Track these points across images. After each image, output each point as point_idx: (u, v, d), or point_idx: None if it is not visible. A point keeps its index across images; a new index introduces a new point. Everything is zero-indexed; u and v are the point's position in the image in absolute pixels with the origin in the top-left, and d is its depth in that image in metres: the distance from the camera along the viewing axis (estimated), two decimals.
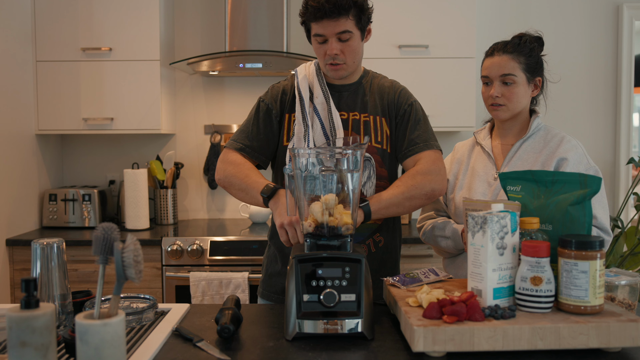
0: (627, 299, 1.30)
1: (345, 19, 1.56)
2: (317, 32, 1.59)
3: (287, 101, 1.71)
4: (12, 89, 2.84)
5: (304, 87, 1.68)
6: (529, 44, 1.63)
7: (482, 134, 1.78)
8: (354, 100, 1.71)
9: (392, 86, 1.75)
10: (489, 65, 1.65)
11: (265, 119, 1.71)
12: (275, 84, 1.78)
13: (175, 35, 3.34)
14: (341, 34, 1.57)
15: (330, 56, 1.60)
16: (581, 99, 3.40)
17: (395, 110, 1.71)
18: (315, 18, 1.56)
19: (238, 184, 1.63)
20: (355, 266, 1.26)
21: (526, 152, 1.66)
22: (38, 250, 1.24)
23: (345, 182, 1.32)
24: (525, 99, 1.65)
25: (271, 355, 1.15)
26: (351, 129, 1.67)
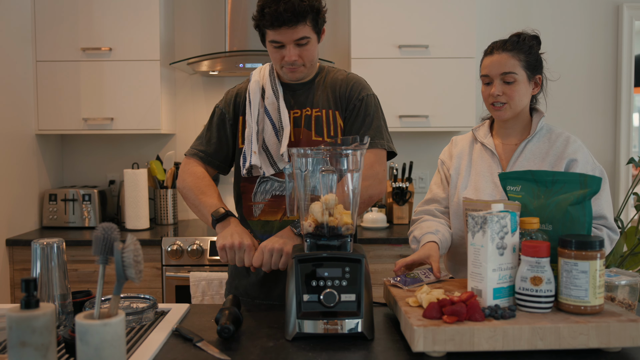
0: (627, 299, 1.30)
1: (303, 25, 1.53)
2: (274, 39, 1.56)
3: (241, 104, 1.71)
4: (12, 89, 2.84)
5: (255, 89, 1.67)
6: (527, 41, 1.62)
7: (481, 131, 1.75)
8: (306, 97, 1.69)
9: (346, 79, 1.71)
10: (488, 64, 1.62)
11: (219, 125, 1.72)
12: (230, 88, 1.78)
13: (175, 35, 3.34)
14: (299, 40, 1.55)
15: (289, 62, 1.58)
16: (581, 99, 3.40)
17: (345, 104, 1.67)
18: (272, 26, 1.52)
19: (192, 199, 1.65)
20: (355, 266, 1.26)
21: (532, 153, 1.64)
22: (38, 250, 1.24)
23: (345, 182, 1.32)
24: (527, 97, 1.63)
25: (271, 355, 1.15)
26: (303, 126, 1.66)
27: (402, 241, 2.78)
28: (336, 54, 3.35)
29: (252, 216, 1.69)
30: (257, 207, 1.68)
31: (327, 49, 3.36)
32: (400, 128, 3.04)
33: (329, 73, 1.74)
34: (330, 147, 1.36)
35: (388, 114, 3.00)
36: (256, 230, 1.68)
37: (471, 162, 1.73)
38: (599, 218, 1.58)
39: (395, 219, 3.19)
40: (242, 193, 1.71)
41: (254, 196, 1.68)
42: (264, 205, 1.67)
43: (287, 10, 1.49)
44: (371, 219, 3.07)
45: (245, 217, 1.71)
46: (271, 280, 1.67)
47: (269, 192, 1.66)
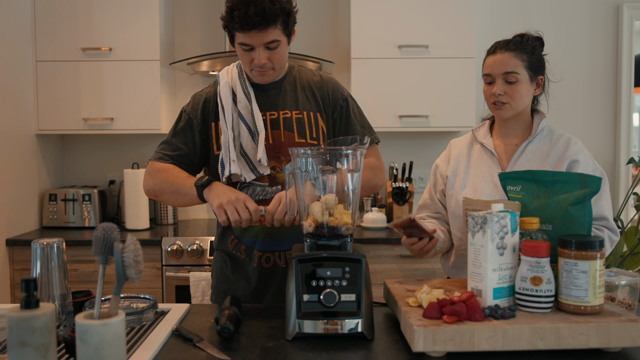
0: (627, 299, 1.30)
1: (274, 28, 1.50)
2: (244, 42, 1.52)
3: (211, 109, 1.67)
4: (12, 89, 2.84)
5: (226, 93, 1.63)
6: (531, 42, 1.62)
7: (481, 132, 1.75)
8: (282, 98, 1.66)
9: (322, 80, 1.71)
10: (491, 63, 1.62)
11: (185, 129, 1.67)
12: (197, 92, 1.73)
13: (175, 35, 3.34)
14: (269, 43, 1.52)
15: (258, 65, 1.55)
16: (581, 99, 3.40)
17: (331, 107, 1.68)
18: (242, 29, 1.49)
19: (169, 187, 1.59)
20: (355, 266, 1.26)
21: (532, 153, 1.64)
22: (38, 250, 1.24)
23: (345, 182, 1.32)
24: (528, 97, 1.63)
25: (271, 355, 1.15)
26: (283, 128, 1.64)
27: None
28: (336, 54, 3.35)
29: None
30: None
31: (327, 49, 3.36)
32: (400, 128, 3.04)
33: (299, 72, 1.72)
34: (330, 147, 1.36)
35: (388, 114, 3.03)
36: (239, 235, 1.66)
37: (470, 163, 1.73)
38: (600, 219, 1.58)
39: (395, 219, 3.18)
40: None
41: None
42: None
43: (257, 13, 1.45)
44: (371, 219, 3.06)
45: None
46: (261, 284, 1.66)
47: (252, 197, 1.63)
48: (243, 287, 1.68)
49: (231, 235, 1.68)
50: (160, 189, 1.62)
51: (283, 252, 1.65)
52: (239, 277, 1.69)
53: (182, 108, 1.72)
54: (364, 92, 3.01)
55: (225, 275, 1.72)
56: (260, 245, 1.65)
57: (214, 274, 1.78)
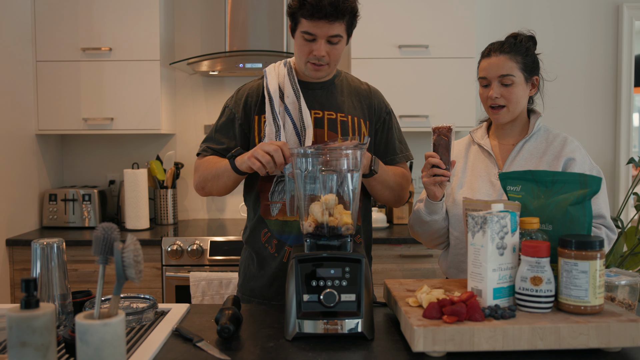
0: (627, 299, 1.30)
1: (340, 23, 1.53)
2: (308, 31, 1.54)
3: (255, 103, 1.68)
4: (12, 89, 2.84)
5: (274, 87, 1.65)
6: (524, 43, 1.62)
7: (478, 133, 1.76)
8: (328, 99, 1.68)
9: (369, 90, 1.76)
10: (486, 66, 1.62)
11: (227, 125, 1.71)
12: (241, 86, 1.76)
13: (175, 35, 3.34)
14: (333, 37, 1.54)
15: (317, 57, 1.56)
16: (581, 99, 3.40)
17: (375, 117, 1.72)
18: (311, 16, 1.51)
19: (210, 174, 1.64)
20: (355, 266, 1.26)
21: (529, 153, 1.65)
22: (38, 250, 1.24)
23: (345, 182, 1.32)
24: (524, 98, 1.63)
25: (271, 355, 1.15)
26: (327, 128, 1.65)
27: (402, 241, 2.78)
28: None
29: (269, 215, 1.66)
30: (274, 207, 1.66)
31: None
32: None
33: (347, 78, 1.76)
34: (330, 147, 1.36)
35: None
36: (274, 230, 1.66)
37: (467, 163, 1.74)
38: (598, 217, 1.58)
39: (395, 219, 3.19)
40: (260, 192, 1.68)
41: (271, 195, 1.66)
42: (282, 205, 1.65)
43: (331, 4, 1.49)
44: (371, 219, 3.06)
45: (263, 216, 1.68)
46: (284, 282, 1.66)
47: (288, 191, 1.63)
48: (269, 284, 1.67)
49: (264, 229, 1.68)
50: (204, 179, 1.66)
51: None
52: (264, 273, 1.69)
53: (225, 102, 1.76)
54: None
55: (252, 273, 1.72)
56: (293, 241, 1.65)
57: (241, 272, 1.78)
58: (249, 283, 1.72)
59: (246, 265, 1.75)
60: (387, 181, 1.66)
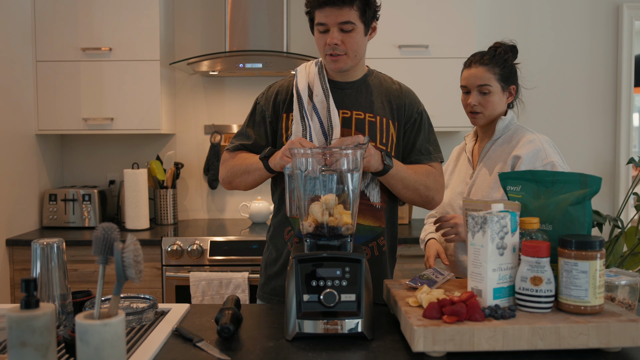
0: (627, 299, 1.30)
1: (349, 9, 1.54)
2: (320, 21, 1.56)
3: (284, 101, 1.69)
4: (12, 89, 2.84)
5: (303, 86, 1.65)
6: (503, 54, 1.77)
7: (469, 136, 1.94)
8: (357, 99, 1.68)
9: (400, 90, 1.74)
10: (467, 76, 1.79)
11: (259, 121, 1.72)
12: (273, 83, 1.77)
13: (175, 35, 3.34)
14: (343, 24, 1.54)
15: (330, 46, 1.56)
16: (581, 99, 3.40)
17: (405, 117, 1.70)
18: (318, 5, 1.54)
19: (239, 169, 1.66)
20: (355, 266, 1.26)
21: (495, 152, 1.80)
22: (38, 250, 1.24)
23: (345, 182, 1.32)
24: (501, 106, 1.79)
25: (271, 355, 1.15)
26: (354, 128, 1.64)
27: (402, 241, 2.78)
28: None
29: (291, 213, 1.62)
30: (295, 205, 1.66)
31: None
32: None
33: (378, 77, 1.75)
34: (330, 147, 1.36)
35: None
36: (296, 228, 1.65)
37: (455, 167, 1.94)
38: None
39: None
40: (283, 189, 1.66)
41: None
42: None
43: None
44: None
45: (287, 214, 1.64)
46: None
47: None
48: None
49: (288, 226, 1.67)
50: (232, 173, 1.68)
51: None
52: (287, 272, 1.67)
53: (256, 98, 1.76)
54: None
55: (275, 272, 1.70)
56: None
57: (263, 271, 1.77)
58: (271, 282, 1.71)
59: (268, 264, 1.74)
60: (407, 179, 1.60)
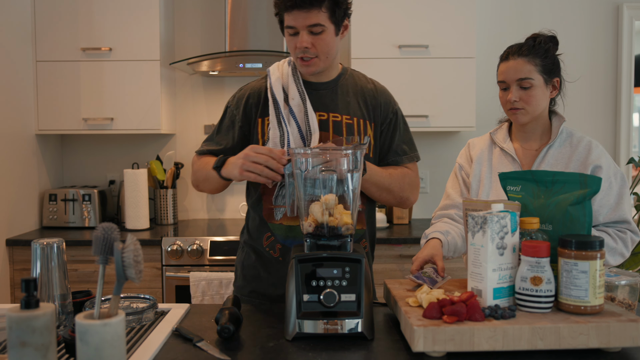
0: (627, 299, 1.30)
1: (318, 11, 1.49)
2: (289, 24, 1.53)
3: (257, 105, 1.65)
4: (12, 89, 2.84)
5: (278, 89, 1.61)
6: (544, 44, 1.60)
7: (500, 135, 1.73)
8: (333, 100, 1.64)
9: (375, 89, 1.71)
10: (504, 70, 1.61)
11: (227, 126, 1.70)
12: (243, 86, 1.73)
13: (175, 35, 3.34)
14: (313, 26, 1.51)
15: (300, 49, 1.53)
16: (581, 99, 3.40)
17: (381, 118, 1.68)
18: (286, 8, 1.51)
19: (201, 176, 1.65)
20: (355, 266, 1.26)
21: (554, 159, 1.63)
22: (38, 250, 1.24)
23: (345, 182, 1.32)
24: (544, 101, 1.62)
25: (271, 355, 1.15)
26: (332, 131, 1.61)
27: (402, 241, 2.78)
28: None
29: (272, 219, 1.63)
30: (278, 210, 1.62)
31: None
32: None
33: (353, 77, 1.72)
34: (330, 148, 1.36)
35: None
36: (278, 234, 1.62)
37: (492, 169, 1.70)
38: (622, 222, 1.58)
39: (395, 219, 3.19)
40: (263, 194, 1.65)
41: (275, 199, 1.62)
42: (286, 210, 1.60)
43: None
44: None
45: (266, 220, 1.64)
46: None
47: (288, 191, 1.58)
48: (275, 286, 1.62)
49: (267, 232, 1.64)
50: (196, 179, 1.69)
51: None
52: (270, 276, 1.64)
53: (227, 102, 1.74)
54: None
55: (255, 275, 1.67)
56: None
57: (239, 272, 1.73)
58: (250, 284, 1.68)
59: (246, 266, 1.71)
60: (381, 183, 1.60)
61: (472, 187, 1.71)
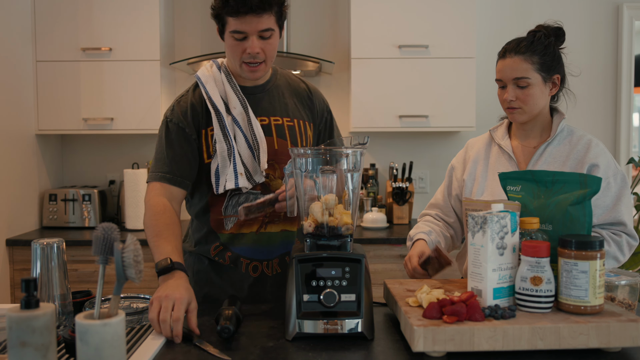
0: (627, 299, 1.30)
1: (269, 15, 1.45)
2: (237, 29, 1.45)
3: (200, 115, 1.57)
4: (12, 89, 2.84)
5: (217, 98, 1.54)
6: (543, 39, 1.55)
7: (499, 132, 1.70)
8: (271, 103, 1.61)
9: (308, 89, 1.70)
10: (501, 68, 1.57)
11: (180, 140, 1.55)
12: (179, 98, 1.61)
13: (175, 35, 3.34)
14: (264, 31, 1.46)
15: (251, 55, 1.47)
16: (581, 99, 3.38)
17: (318, 118, 1.69)
18: (237, 13, 1.43)
19: (149, 240, 1.46)
20: (355, 266, 1.26)
21: (552, 156, 1.59)
22: (38, 250, 1.24)
23: (345, 182, 1.32)
24: (543, 99, 1.57)
25: (271, 355, 1.15)
26: (275, 135, 1.59)
27: (402, 241, 2.78)
28: (336, 54, 3.35)
29: (222, 229, 1.61)
30: (228, 220, 1.60)
31: (327, 49, 3.36)
32: (400, 128, 3.04)
33: (283, 76, 1.69)
34: (330, 147, 1.36)
35: (388, 114, 3.02)
36: (227, 242, 1.61)
37: (488, 167, 1.67)
38: (618, 224, 1.54)
39: (395, 219, 3.19)
40: (211, 206, 1.61)
41: (224, 209, 1.60)
42: (236, 219, 1.59)
43: None
44: (371, 219, 3.07)
45: (215, 230, 1.62)
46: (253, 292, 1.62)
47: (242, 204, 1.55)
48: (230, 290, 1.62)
49: (216, 242, 1.62)
50: (145, 232, 1.49)
51: (270, 262, 1.63)
52: (224, 282, 1.63)
53: (165, 117, 1.58)
54: (364, 92, 3.01)
55: (207, 279, 1.64)
56: (248, 253, 1.61)
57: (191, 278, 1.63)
58: (203, 290, 1.64)
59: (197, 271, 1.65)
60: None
61: (467, 186, 1.69)
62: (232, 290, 1.63)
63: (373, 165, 3.33)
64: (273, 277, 1.64)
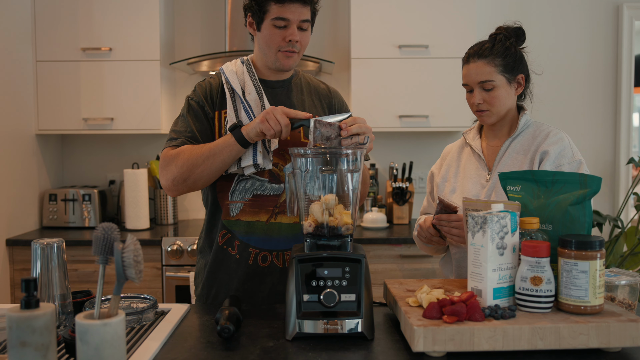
0: (627, 299, 1.30)
1: (309, 8, 1.56)
2: (281, 16, 1.53)
3: (216, 98, 1.64)
4: (12, 89, 2.84)
5: (235, 83, 1.60)
6: (504, 41, 1.59)
7: (471, 134, 1.76)
8: (289, 98, 1.66)
9: (328, 90, 1.76)
10: (466, 73, 1.62)
11: (198, 117, 1.62)
12: (201, 81, 1.69)
13: (175, 35, 3.34)
14: (304, 22, 1.56)
15: (291, 42, 1.55)
16: (581, 99, 3.40)
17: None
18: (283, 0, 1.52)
19: (200, 158, 1.49)
20: (355, 266, 1.26)
21: (515, 150, 1.62)
22: (38, 250, 1.24)
23: (345, 182, 1.32)
24: (509, 100, 1.61)
25: (271, 355, 1.15)
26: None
27: (402, 241, 2.78)
28: (336, 53, 3.35)
29: (228, 216, 1.62)
30: (234, 206, 1.62)
31: (327, 49, 3.36)
32: (400, 128, 3.04)
33: (303, 76, 1.75)
34: (330, 148, 1.36)
35: (388, 114, 3.03)
36: (236, 230, 1.62)
37: (459, 167, 1.73)
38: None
39: (395, 219, 3.19)
40: (219, 192, 1.64)
41: (231, 194, 1.61)
42: (244, 205, 1.61)
43: None
44: (371, 219, 3.07)
45: (221, 217, 1.64)
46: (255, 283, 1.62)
47: (249, 191, 1.61)
48: (236, 288, 1.63)
49: (223, 230, 1.63)
50: (189, 166, 1.50)
51: (282, 252, 1.63)
52: (230, 278, 1.63)
53: (188, 97, 1.66)
54: (364, 92, 3.01)
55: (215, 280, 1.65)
56: (257, 242, 1.62)
57: (199, 280, 1.70)
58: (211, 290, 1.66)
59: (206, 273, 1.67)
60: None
61: (439, 187, 1.75)
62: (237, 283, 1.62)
63: (373, 165, 3.33)
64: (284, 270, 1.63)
